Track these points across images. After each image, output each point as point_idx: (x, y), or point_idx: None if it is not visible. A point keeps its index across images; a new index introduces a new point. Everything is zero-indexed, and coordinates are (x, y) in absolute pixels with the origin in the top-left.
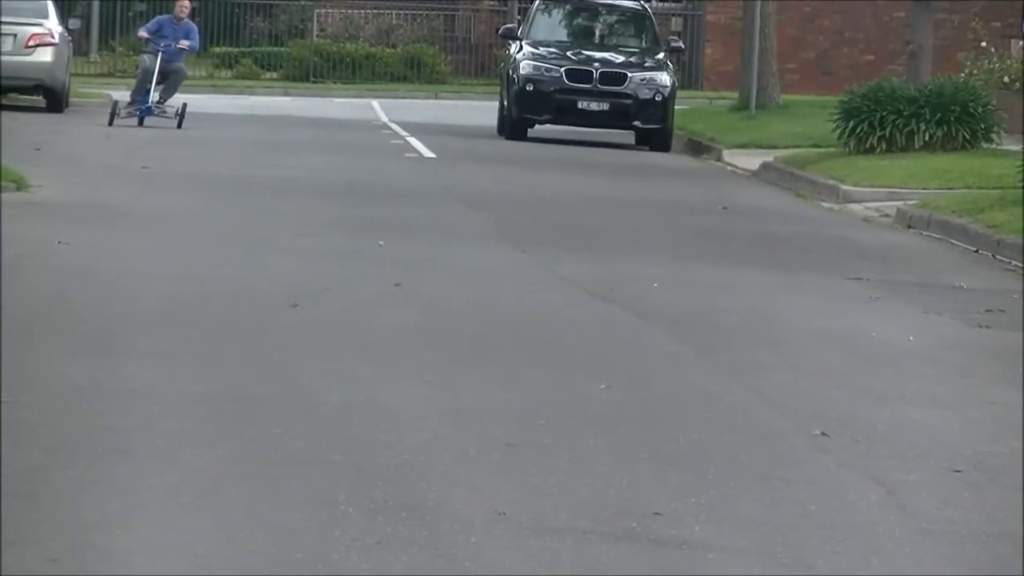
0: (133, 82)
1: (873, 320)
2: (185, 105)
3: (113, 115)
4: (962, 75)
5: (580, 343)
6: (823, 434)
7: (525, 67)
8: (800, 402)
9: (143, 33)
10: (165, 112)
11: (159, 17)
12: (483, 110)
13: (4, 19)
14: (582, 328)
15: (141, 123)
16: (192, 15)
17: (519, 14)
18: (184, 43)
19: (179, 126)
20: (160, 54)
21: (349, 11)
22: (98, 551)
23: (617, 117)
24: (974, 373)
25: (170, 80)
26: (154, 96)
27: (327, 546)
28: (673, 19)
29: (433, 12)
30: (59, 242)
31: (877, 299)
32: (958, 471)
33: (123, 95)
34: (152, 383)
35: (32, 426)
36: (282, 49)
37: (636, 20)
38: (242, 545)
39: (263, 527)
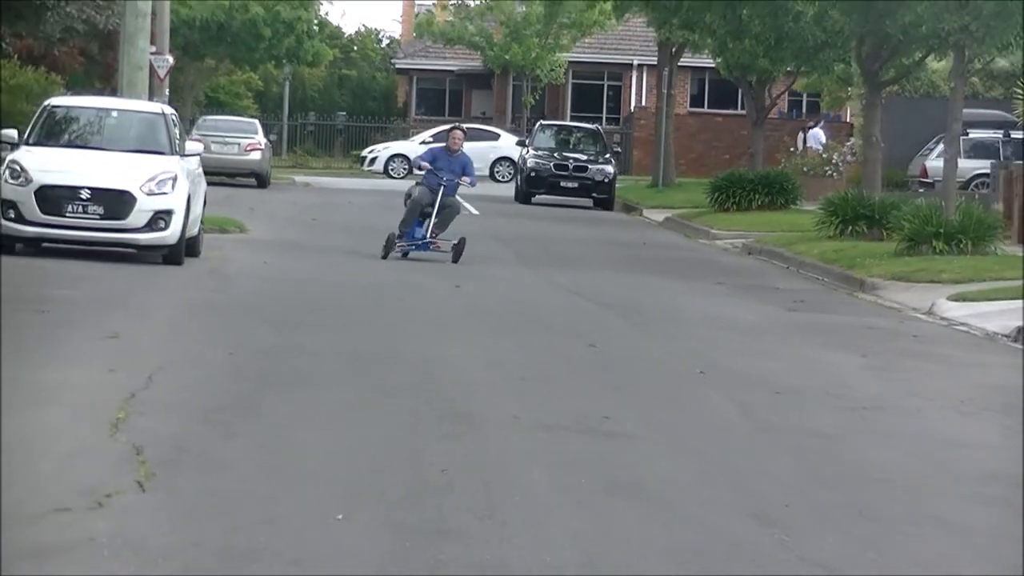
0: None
1: (729, 307)
2: (463, 240)
3: (388, 248)
4: (780, 166)
5: (563, 320)
6: (702, 373)
7: (531, 162)
8: (691, 355)
9: (424, 163)
10: (439, 247)
11: (432, 147)
12: (506, 188)
13: (231, 134)
14: (564, 311)
15: (405, 256)
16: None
17: (527, 133)
18: (466, 180)
19: (455, 260)
20: (441, 188)
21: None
22: (285, 441)
23: (583, 191)
24: (789, 338)
25: (445, 214)
26: (428, 230)
27: (414, 438)
28: (615, 135)
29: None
30: (264, 262)
31: (731, 296)
32: (777, 393)
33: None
34: (314, 344)
35: (243, 369)
36: None
37: (594, 136)
38: (363, 440)
39: (376, 429)
